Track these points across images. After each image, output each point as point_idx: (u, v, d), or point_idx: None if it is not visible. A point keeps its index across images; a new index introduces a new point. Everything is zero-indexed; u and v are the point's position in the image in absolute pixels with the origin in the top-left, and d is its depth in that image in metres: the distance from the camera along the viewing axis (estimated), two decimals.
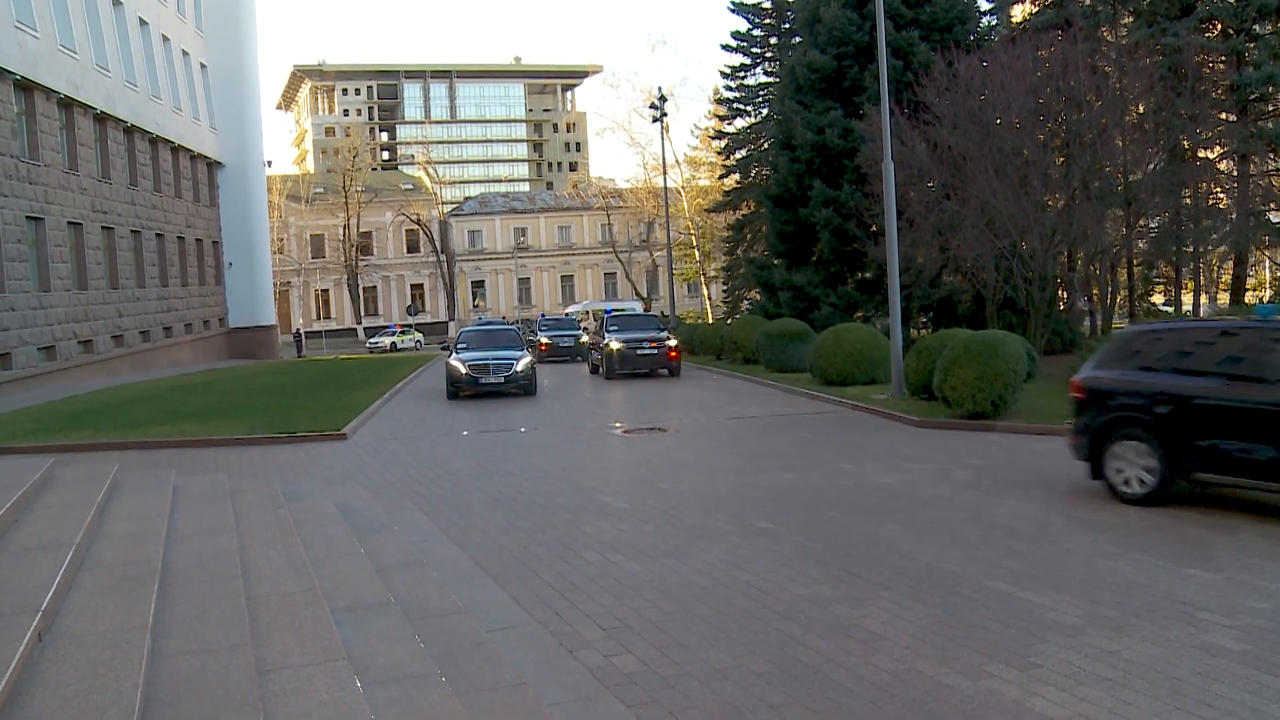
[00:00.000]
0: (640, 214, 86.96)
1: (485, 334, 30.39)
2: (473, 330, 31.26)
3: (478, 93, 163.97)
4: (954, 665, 6.66)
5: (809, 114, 38.55)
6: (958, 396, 18.49)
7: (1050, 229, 28.14)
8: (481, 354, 27.73)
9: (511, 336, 30.17)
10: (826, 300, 37.86)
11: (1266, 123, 36.50)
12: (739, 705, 6.11)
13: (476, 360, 27.27)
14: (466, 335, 30.19)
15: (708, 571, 9.21)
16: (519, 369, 27.31)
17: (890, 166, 22.33)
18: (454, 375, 27.49)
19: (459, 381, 27.31)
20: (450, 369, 27.65)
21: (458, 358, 27.67)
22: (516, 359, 27.49)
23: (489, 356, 27.46)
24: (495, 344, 28.98)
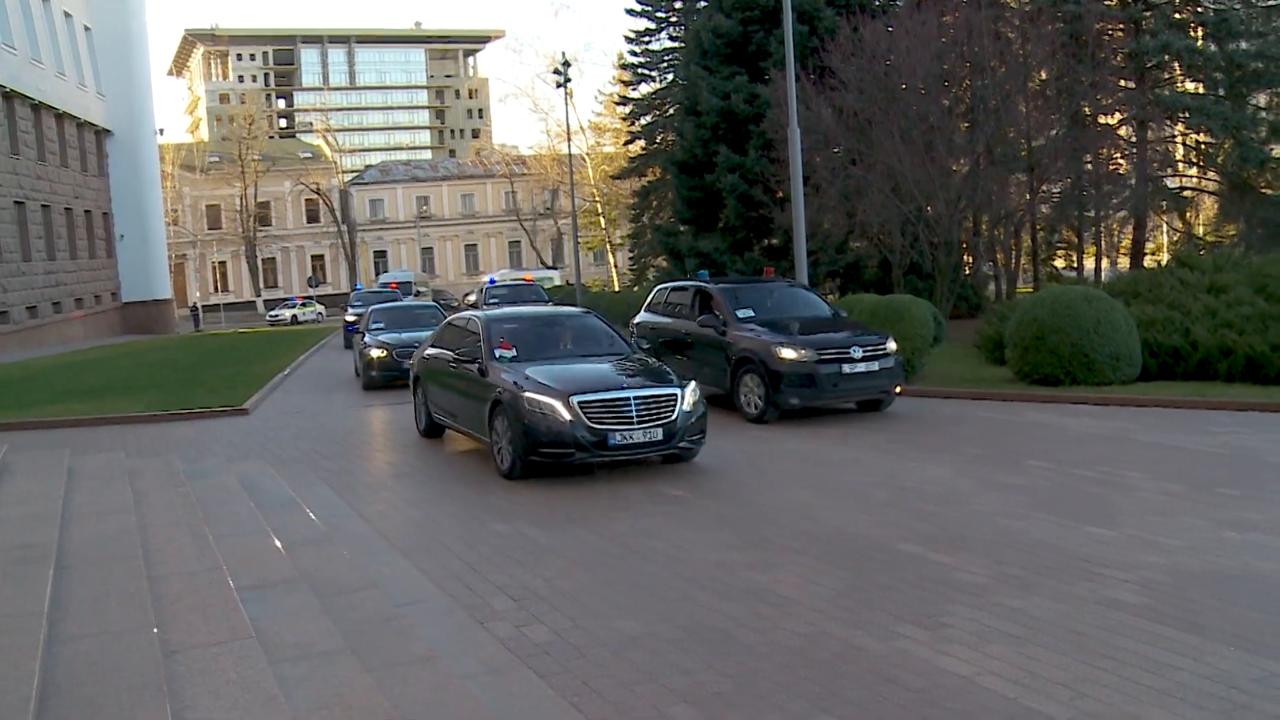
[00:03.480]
0: (545, 181, 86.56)
1: (402, 311, 26.26)
2: (387, 308, 27.15)
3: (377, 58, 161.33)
4: (864, 627, 6.72)
5: (714, 79, 38.41)
6: None
7: (955, 194, 28.31)
8: (402, 335, 22.83)
9: (434, 314, 25.69)
10: (734, 266, 37.82)
11: (1163, 90, 37.22)
12: (652, 672, 6.12)
13: (399, 343, 22.37)
14: (380, 314, 25.75)
15: (618, 539, 9.21)
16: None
17: (796, 132, 22.26)
18: (371, 361, 22.69)
19: (378, 368, 22.53)
20: (365, 354, 22.96)
21: (374, 340, 23.10)
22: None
23: (412, 338, 22.09)
24: (416, 323, 24.27)
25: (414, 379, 15.65)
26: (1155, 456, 11.70)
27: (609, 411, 11.21)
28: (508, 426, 11.54)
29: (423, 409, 15.21)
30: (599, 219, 78.96)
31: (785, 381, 14.99)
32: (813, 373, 14.89)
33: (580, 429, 11.07)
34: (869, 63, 29.28)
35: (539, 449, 11.23)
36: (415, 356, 16.11)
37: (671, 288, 19.19)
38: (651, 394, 11.46)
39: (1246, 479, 10.61)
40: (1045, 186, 33.75)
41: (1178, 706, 5.39)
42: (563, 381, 11.55)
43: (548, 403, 11.19)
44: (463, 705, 5.69)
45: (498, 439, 11.90)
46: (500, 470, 11.84)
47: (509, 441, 11.54)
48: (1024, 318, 17.44)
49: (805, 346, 15.07)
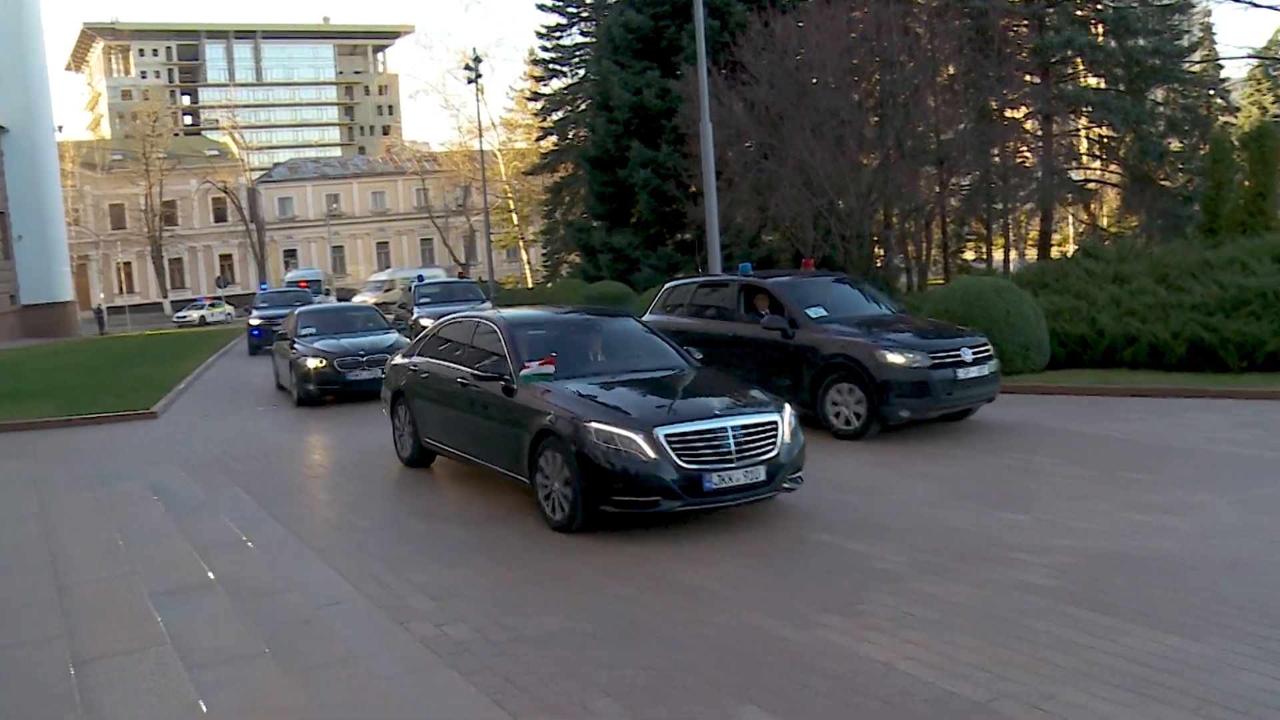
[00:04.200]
0: (456, 178, 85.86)
1: (335, 314, 23.23)
2: (317, 310, 24.10)
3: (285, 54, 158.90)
4: (785, 617, 6.78)
5: (626, 74, 38.40)
6: None
7: (866, 187, 28.54)
8: (341, 341, 20.04)
9: (370, 317, 23.02)
10: (647, 262, 37.87)
11: (1067, 85, 37.98)
12: (574, 667, 6.11)
13: (339, 351, 19.52)
14: (310, 317, 22.30)
15: (537, 535, 9.18)
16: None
17: (708, 127, 22.31)
18: (308, 372, 19.25)
19: (315, 380, 19.20)
20: (300, 364, 19.45)
21: (308, 347, 19.79)
22: (393, 345, 19.72)
23: (354, 345, 19.90)
24: (352, 327, 21.71)
25: (392, 396, 12.75)
26: (1065, 443, 11.91)
27: (703, 447, 8.63)
28: (563, 466, 8.94)
29: (408, 434, 12.30)
30: (511, 216, 78.59)
31: (894, 391, 12.51)
32: (926, 380, 12.52)
33: (668, 470, 8.48)
34: (780, 57, 29.42)
35: (612, 496, 8.63)
36: (390, 368, 13.21)
37: (699, 284, 16.57)
38: (750, 422, 8.95)
39: (1151, 463, 10.89)
40: (954, 179, 34.16)
41: (1089, 684, 5.53)
42: (636, 407, 9.08)
43: (624, 436, 8.60)
44: (384, 705, 5.66)
45: (546, 481, 9.23)
46: (552, 522, 9.16)
47: (564, 483, 8.95)
48: (935, 309, 17.61)
49: (914, 349, 12.74)
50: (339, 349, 19.60)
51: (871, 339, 13.03)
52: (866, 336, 13.13)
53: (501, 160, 75.95)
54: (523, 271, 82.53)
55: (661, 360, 10.81)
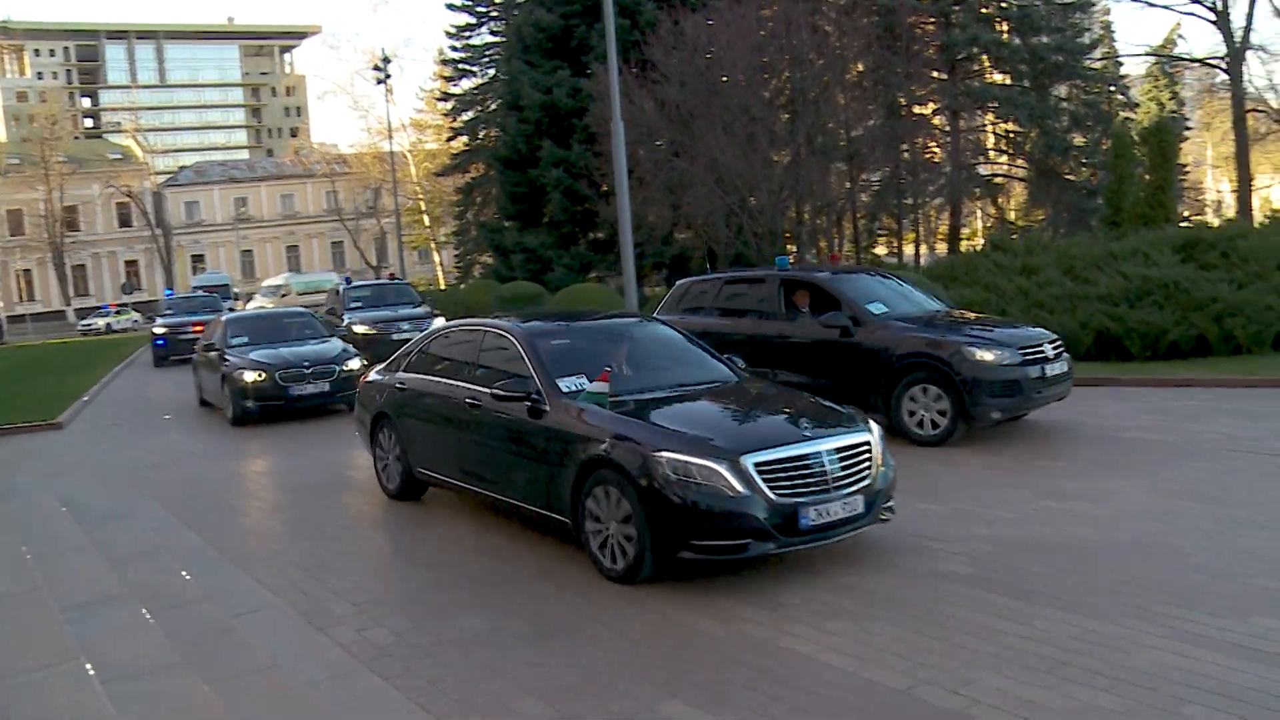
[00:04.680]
0: (367, 180, 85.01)
1: (268, 321, 20.34)
2: (248, 317, 21.35)
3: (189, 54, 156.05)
4: (707, 612, 6.81)
5: (537, 74, 38.27)
6: None
7: (778, 184, 28.72)
8: (281, 352, 17.77)
9: (307, 323, 20.19)
10: (560, 261, 37.80)
11: (973, 81, 38.52)
12: (498, 668, 6.09)
13: (280, 362, 17.28)
14: (239, 325, 19.51)
15: (458, 539, 9.10)
16: (350, 368, 17.56)
17: (620, 125, 22.22)
18: (245, 387, 16.93)
19: (254, 396, 16.93)
20: (234, 379, 17.06)
21: (244, 359, 17.39)
22: (340, 355, 17.97)
23: (295, 355, 17.68)
24: (287, 334, 19.18)
25: (372, 420, 10.88)
26: (978, 434, 11.98)
27: (796, 476, 7.16)
28: (621, 504, 7.33)
29: (397, 461, 10.49)
30: (423, 217, 77.99)
31: (986, 390, 11.46)
32: (1019, 378, 11.54)
33: (759, 506, 6.95)
34: (690, 56, 29.50)
35: (691, 541, 7.03)
36: (366, 387, 11.36)
37: (726, 280, 14.97)
38: (845, 444, 7.49)
39: (1064, 451, 11.09)
40: (865, 175, 34.53)
41: (1006, 668, 5.63)
42: (713, 430, 7.55)
43: (705, 467, 7.01)
44: (306, 713, 5.61)
45: (599, 524, 7.58)
46: (608, 571, 7.49)
47: (623, 524, 7.34)
48: None
49: (1003, 345, 11.73)
50: (279, 360, 17.32)
51: (958, 335, 11.91)
52: (950, 333, 12.04)
53: (412, 161, 75.37)
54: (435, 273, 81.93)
55: (705, 370, 9.21)
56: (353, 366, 17.52)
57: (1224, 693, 5.23)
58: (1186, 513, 8.37)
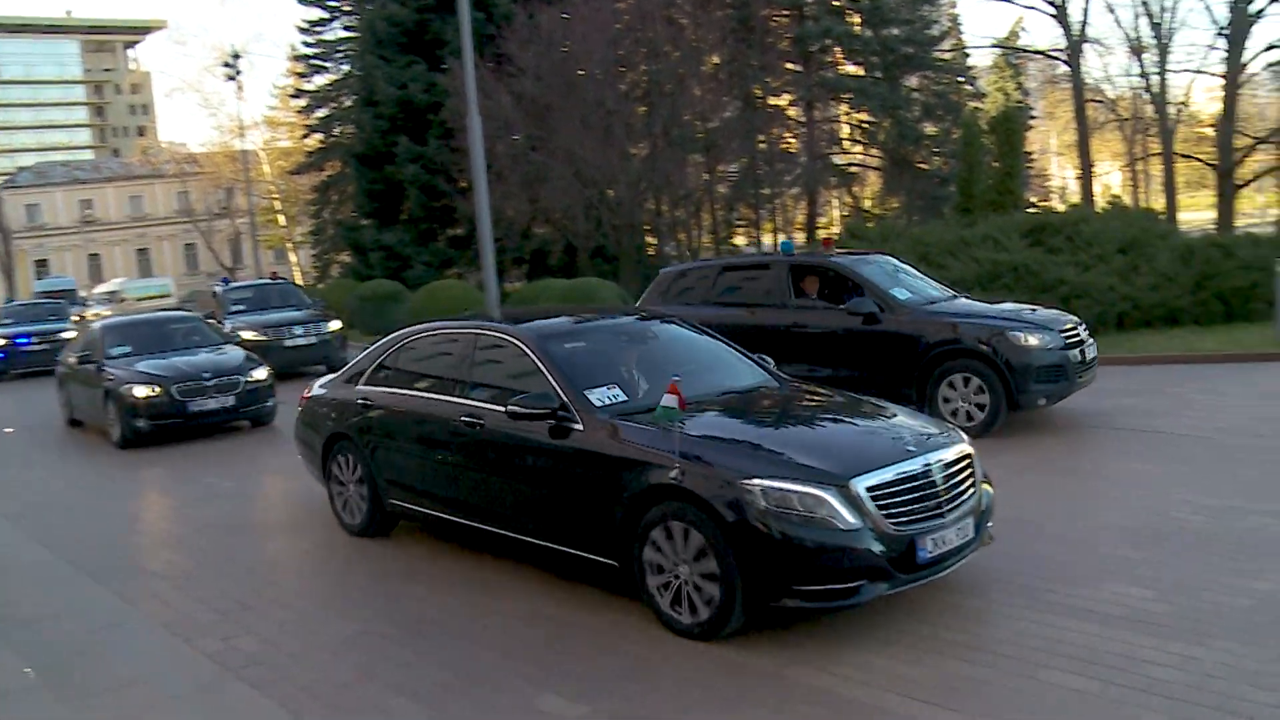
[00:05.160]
0: (219, 180, 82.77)
1: (150, 328, 17.43)
2: (127, 323, 18.25)
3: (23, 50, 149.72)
4: (579, 602, 6.86)
5: (391, 69, 37.70)
6: None
7: (636, 176, 28.78)
8: (172, 362, 15.52)
9: (195, 328, 17.74)
10: (419, 259, 37.35)
11: (827, 72, 39.07)
12: (371, 669, 6.03)
13: (175, 374, 15.06)
14: (118, 332, 17.00)
15: (326, 543, 8.93)
16: (257, 379, 15.56)
17: (476, 120, 21.96)
18: (136, 404, 14.64)
19: (147, 414, 14.66)
20: (122, 395, 14.80)
21: (128, 371, 15.21)
22: (244, 365, 15.73)
23: (191, 365, 15.43)
24: (172, 341, 16.72)
25: (325, 444, 9.21)
26: None
27: (909, 499, 6.03)
28: (697, 544, 6.01)
29: (361, 492, 8.82)
30: (278, 217, 76.33)
31: (1033, 376, 10.86)
32: (1063, 361, 11.02)
33: (872, 539, 5.80)
34: (546, 49, 29.39)
35: (795, 585, 5.78)
36: (313, 403, 9.62)
37: (724, 267, 14.02)
38: (950, 458, 6.41)
39: None
40: (722, 166, 34.79)
41: (870, 644, 5.78)
42: (804, 449, 6.29)
43: (808, 495, 5.79)
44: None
45: (665, 568, 6.23)
46: (681, 625, 6.15)
47: (699, 568, 6.02)
48: None
49: (1045, 329, 11.16)
50: (175, 371, 15.13)
51: (1000, 320, 11.35)
52: (990, 317, 11.49)
53: (266, 160, 73.70)
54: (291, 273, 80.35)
55: (743, 373, 8.00)
56: (259, 377, 15.52)
57: (1079, 656, 5.43)
58: (1043, 486, 8.57)
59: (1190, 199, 57.83)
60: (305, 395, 9.83)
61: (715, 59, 34.23)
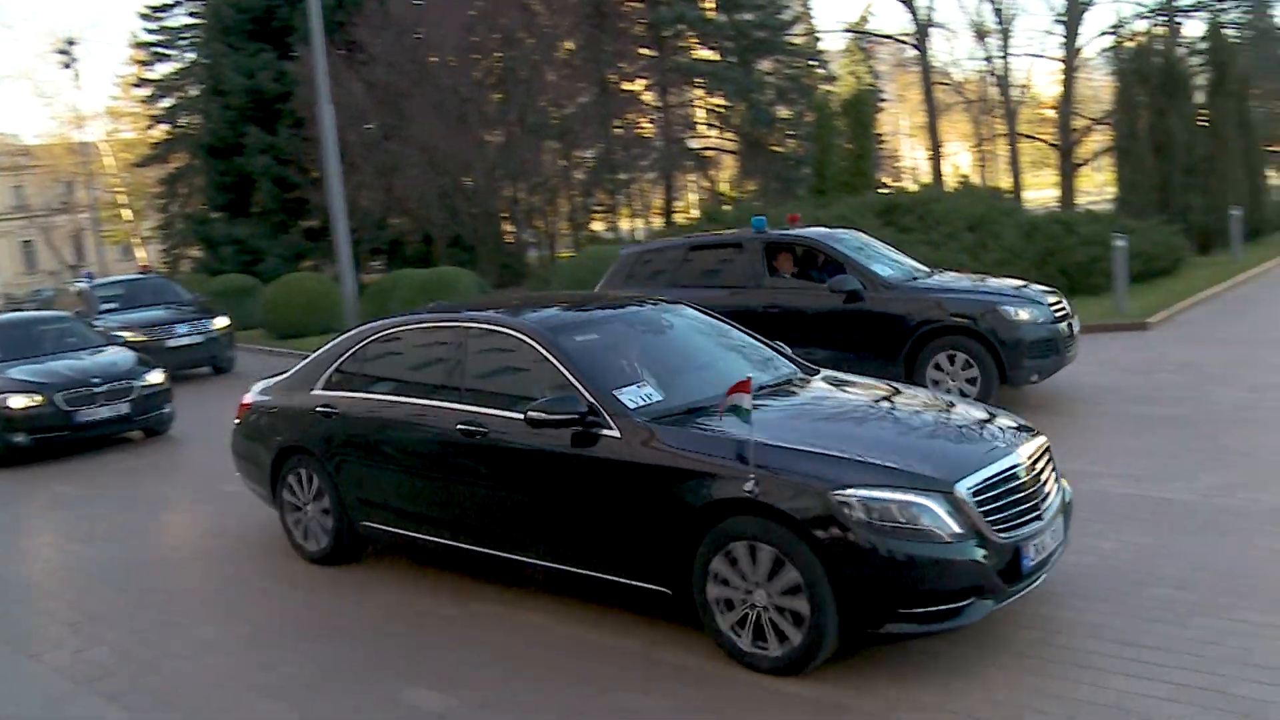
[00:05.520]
0: (58, 174, 79.99)
1: (18, 328, 15.53)
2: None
3: None
4: (442, 594, 6.84)
5: (239, 57, 36.82)
6: None
7: (491, 164, 28.64)
8: (52, 366, 13.84)
9: (69, 328, 15.82)
10: (272, 251, 36.61)
11: (681, 57, 39.33)
12: (231, 673, 5.92)
13: (58, 380, 13.34)
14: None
15: (178, 547, 8.77)
16: (152, 384, 13.89)
17: (328, 109, 21.57)
18: (12, 416, 12.96)
19: (26, 427, 12.98)
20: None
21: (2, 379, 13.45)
22: (135, 368, 14.07)
23: (75, 370, 13.71)
24: (42, 344, 14.91)
25: (276, 457, 7.95)
26: None
27: (1011, 501, 5.33)
28: (775, 565, 5.17)
29: (324, 514, 7.62)
30: (123, 211, 74.06)
31: (1026, 352, 10.57)
32: (1054, 336, 10.79)
33: (979, 548, 5.07)
34: (398, 36, 29.03)
35: (901, 608, 5.03)
36: (256, 412, 8.35)
37: (692, 246, 13.11)
38: (1034, 451, 5.76)
39: None
40: (578, 153, 34.82)
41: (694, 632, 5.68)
42: (894, 451, 5.42)
43: (909, 504, 5.02)
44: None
45: (735, 595, 5.34)
46: (759, 659, 5.29)
47: (792, 594, 5.13)
48: (567, 279, 18.01)
49: (1034, 303, 10.90)
50: (57, 377, 13.40)
51: (989, 295, 11.07)
52: (980, 292, 11.23)
53: (109, 152, 71.41)
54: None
55: (771, 363, 7.14)
56: (155, 381, 13.86)
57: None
58: None
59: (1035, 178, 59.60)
60: (244, 403, 8.53)
61: (570, 45, 34.19)
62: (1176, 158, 26.99)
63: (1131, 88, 28.40)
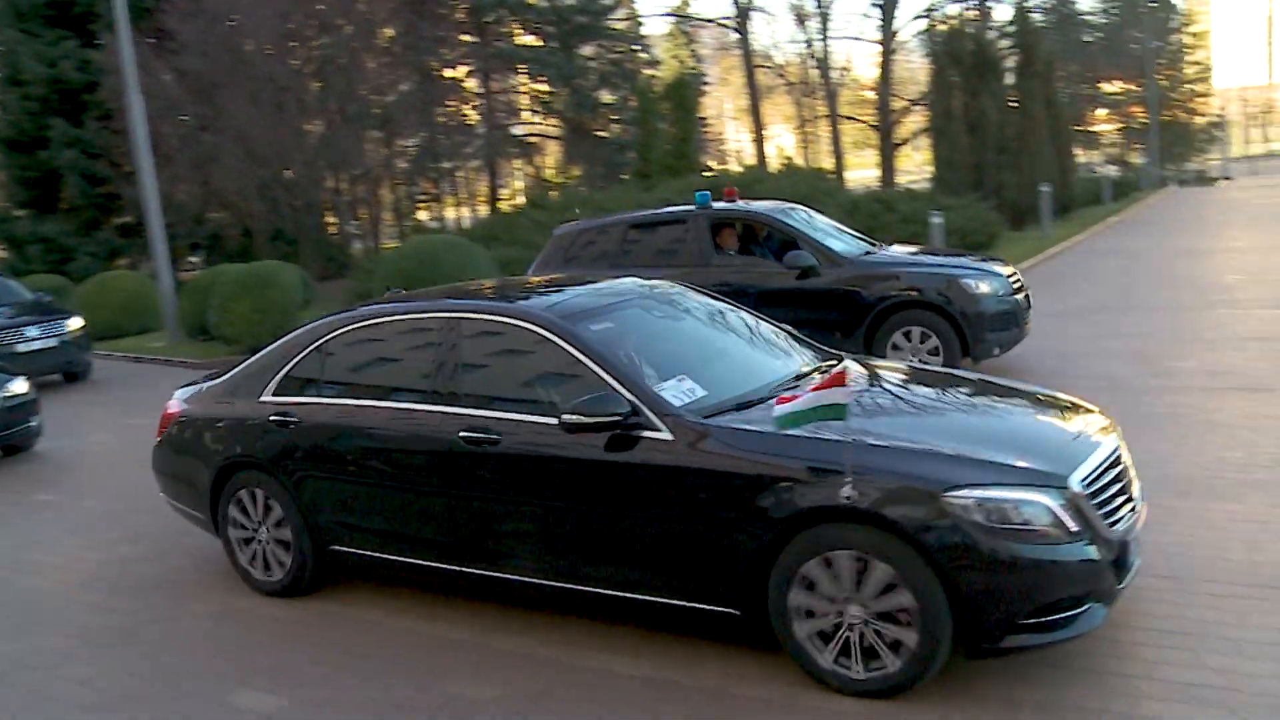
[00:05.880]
0: None
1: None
2: None
3: None
4: (267, 599, 6.68)
5: (38, 45, 35.23)
6: (236, 333, 18.07)
7: (312, 155, 28.07)
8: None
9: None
10: (84, 250, 35.23)
11: (503, 43, 39.17)
12: (47, 690, 5.67)
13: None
14: None
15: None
16: (16, 394, 11.80)
17: (138, 100, 20.90)
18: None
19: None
20: None
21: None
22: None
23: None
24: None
25: (216, 474, 6.82)
26: None
27: (1114, 493, 4.92)
28: (876, 580, 4.57)
29: (291, 538, 6.49)
30: None
31: (988, 325, 10.39)
32: (1014, 309, 10.66)
33: (1092, 546, 4.59)
34: (210, 23, 28.16)
35: (1023, 618, 4.51)
36: (188, 421, 7.12)
37: (632, 224, 12.43)
38: (1117, 432, 5.43)
39: None
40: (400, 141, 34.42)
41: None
42: (995, 445, 4.88)
43: (1026, 502, 4.51)
44: None
45: (820, 609, 4.72)
46: (852, 683, 4.69)
47: (879, 599, 4.58)
48: (391, 270, 17.78)
49: (995, 275, 10.71)
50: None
51: (950, 267, 10.86)
52: (939, 265, 11.05)
53: None
54: None
55: (795, 349, 6.42)
56: (18, 391, 11.79)
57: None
58: None
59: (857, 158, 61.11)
60: (169, 413, 7.32)
61: (389, 31, 33.73)
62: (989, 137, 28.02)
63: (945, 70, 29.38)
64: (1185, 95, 64.66)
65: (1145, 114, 51.40)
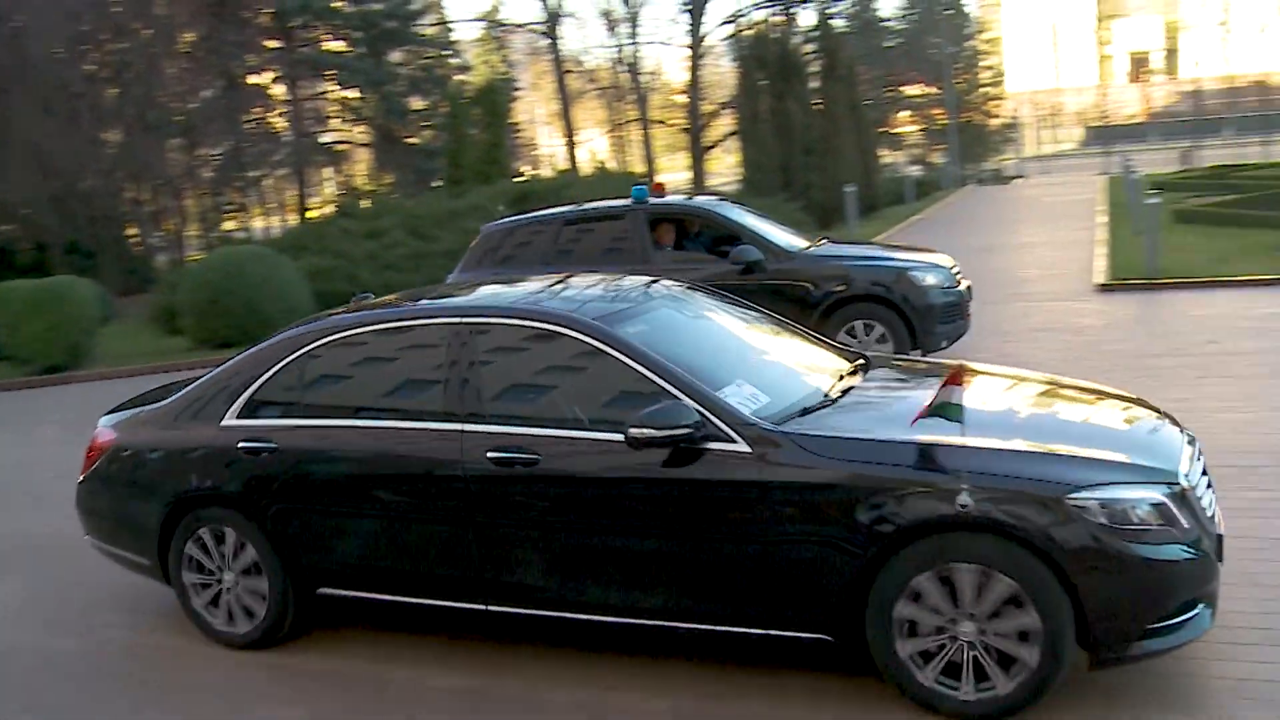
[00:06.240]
0: None
1: None
2: None
3: None
4: (66, 629, 6.37)
5: None
6: (30, 353, 17.31)
7: (110, 165, 27.16)
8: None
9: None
10: None
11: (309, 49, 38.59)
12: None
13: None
14: None
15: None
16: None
17: None
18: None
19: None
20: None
21: None
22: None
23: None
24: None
25: (170, 511, 5.74)
26: None
27: (1209, 488, 4.76)
28: (990, 595, 4.19)
29: (268, 584, 5.54)
30: None
31: (936, 318, 10.31)
32: (959, 301, 10.63)
33: (1201, 543, 4.32)
34: None
35: (1149, 625, 4.24)
36: (117, 448, 6.07)
37: (566, 220, 11.93)
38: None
39: None
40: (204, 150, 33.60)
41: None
42: (1103, 443, 4.65)
43: (1149, 501, 4.22)
44: None
45: (925, 627, 4.30)
46: (959, 708, 4.30)
47: (999, 631, 4.20)
48: (195, 283, 17.30)
49: (936, 268, 10.69)
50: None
51: (896, 261, 10.85)
52: (885, 259, 11.05)
53: None
54: None
55: (825, 349, 5.97)
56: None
57: None
58: None
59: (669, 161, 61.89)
60: (99, 443, 6.20)
61: (190, 36, 32.88)
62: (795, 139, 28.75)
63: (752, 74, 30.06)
64: (981, 98, 67.19)
65: (945, 116, 53.27)
